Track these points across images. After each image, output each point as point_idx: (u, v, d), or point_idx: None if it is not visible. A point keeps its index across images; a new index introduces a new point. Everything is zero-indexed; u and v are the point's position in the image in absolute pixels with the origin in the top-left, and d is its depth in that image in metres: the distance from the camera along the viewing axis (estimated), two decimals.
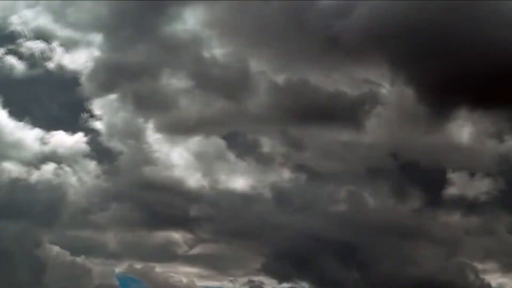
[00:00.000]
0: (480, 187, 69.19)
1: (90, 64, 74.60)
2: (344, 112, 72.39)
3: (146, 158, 72.34)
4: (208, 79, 74.00)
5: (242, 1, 73.97)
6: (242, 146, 74.17)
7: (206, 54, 74.23)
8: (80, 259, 65.78)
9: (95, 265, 66.90)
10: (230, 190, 71.78)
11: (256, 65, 73.63)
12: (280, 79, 73.39)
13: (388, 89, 72.09)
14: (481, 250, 67.49)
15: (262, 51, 74.30)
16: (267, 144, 73.90)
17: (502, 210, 68.37)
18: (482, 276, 65.03)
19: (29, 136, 71.16)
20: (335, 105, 72.28)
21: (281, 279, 67.06)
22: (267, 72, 73.54)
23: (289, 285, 66.82)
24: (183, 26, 75.23)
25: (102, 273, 66.09)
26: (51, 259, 64.08)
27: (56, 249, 65.39)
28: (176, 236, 72.10)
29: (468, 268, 65.25)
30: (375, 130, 71.88)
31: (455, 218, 68.96)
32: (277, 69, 73.71)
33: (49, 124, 72.35)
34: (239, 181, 72.50)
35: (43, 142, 71.10)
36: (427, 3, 68.63)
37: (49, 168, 68.88)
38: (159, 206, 70.11)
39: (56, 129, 72.41)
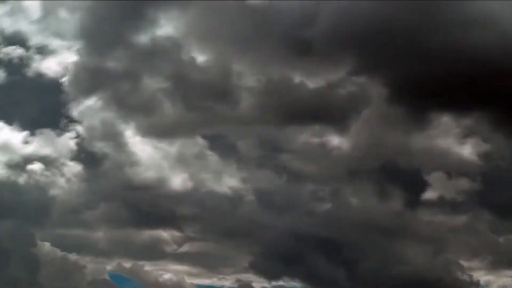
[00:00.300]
0: (459, 188, 70.81)
1: (70, 69, 75.36)
2: (326, 114, 74.18)
3: (129, 159, 73.33)
4: (187, 82, 75.23)
5: (217, 6, 75.57)
6: (224, 148, 75.56)
7: (184, 57, 75.52)
8: (71, 256, 66.41)
9: (87, 263, 67.57)
10: (214, 191, 73.04)
11: (235, 68, 75.22)
12: (260, 81, 74.96)
13: (365, 91, 73.88)
14: (466, 248, 69.26)
15: (240, 54, 75.77)
16: (248, 146, 75.25)
17: (482, 209, 70.45)
18: (469, 273, 66.97)
19: (14, 138, 71.66)
20: (316, 107, 73.93)
21: (270, 277, 68.26)
22: (246, 75, 75.13)
23: (280, 283, 68.05)
24: (161, 31, 76.51)
25: (94, 270, 66.69)
26: (44, 257, 64.65)
27: (48, 247, 65.94)
28: (164, 234, 73.15)
29: (455, 265, 66.68)
30: (355, 132, 73.58)
31: (438, 217, 70.71)
32: (256, 72, 75.31)
33: (32, 127, 72.76)
34: (223, 182, 73.70)
35: (27, 144, 71.60)
36: (396, 3, 70.24)
37: (35, 169, 69.41)
38: (145, 205, 71.08)
39: (40, 132, 72.94)
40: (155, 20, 76.29)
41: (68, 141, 72.91)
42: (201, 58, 75.19)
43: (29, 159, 70.05)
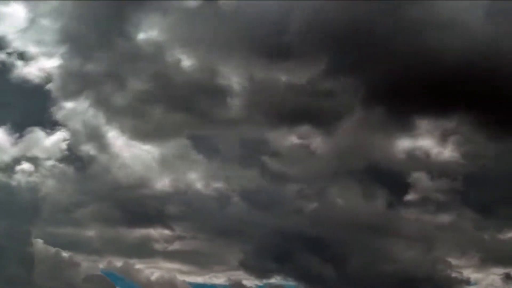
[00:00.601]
0: (441, 187, 72.34)
1: (55, 73, 76.07)
2: (310, 117, 75.54)
3: (115, 161, 74.08)
4: (171, 84, 76.21)
5: (195, 10, 76.73)
6: (208, 148, 76.67)
7: (168, 59, 76.69)
8: (65, 254, 67.10)
9: (80, 261, 68.15)
10: (200, 190, 74.01)
11: (219, 70, 76.57)
12: (244, 83, 76.35)
13: (344, 94, 75.07)
14: (453, 246, 70.45)
15: (223, 57, 76.85)
16: (233, 146, 76.26)
17: (466, 208, 71.93)
18: (458, 271, 68.15)
19: (2, 140, 72.07)
20: (300, 109, 75.26)
21: (261, 275, 69.27)
22: (230, 77, 76.48)
23: (271, 281, 68.85)
24: (144, 34, 77.41)
25: (87, 268, 67.30)
26: (38, 254, 65.27)
27: (41, 244, 66.49)
28: (154, 233, 73.77)
29: (443, 263, 67.73)
30: (339, 134, 74.73)
31: (422, 216, 71.99)
32: (240, 74, 76.61)
33: (20, 129, 73.28)
34: (209, 182, 74.68)
35: (16, 146, 72.07)
36: (364, 3, 71.62)
37: (25, 170, 69.96)
38: (134, 206, 71.86)
39: (28, 133, 73.45)
40: (138, 24, 77.32)
41: (56, 143, 73.55)
42: (185, 60, 76.61)
43: (18, 160, 70.62)
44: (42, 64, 76.85)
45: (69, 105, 75.95)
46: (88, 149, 74.33)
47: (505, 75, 68.29)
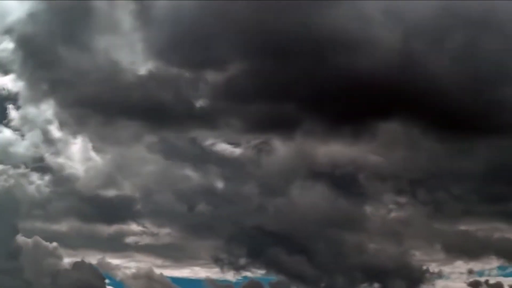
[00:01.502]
0: (395, 187, 76.01)
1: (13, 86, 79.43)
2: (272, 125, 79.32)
3: (77, 168, 77.83)
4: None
5: None
6: (168, 150, 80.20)
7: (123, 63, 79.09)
8: (50, 246, 70.31)
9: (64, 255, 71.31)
10: (165, 190, 77.37)
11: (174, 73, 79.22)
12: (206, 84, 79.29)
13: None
14: (417, 240, 73.20)
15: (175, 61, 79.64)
16: (192, 146, 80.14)
17: (420, 206, 75.09)
18: (424, 263, 70.53)
19: None
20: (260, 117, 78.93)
21: (237, 268, 71.46)
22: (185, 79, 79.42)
23: (247, 273, 71.78)
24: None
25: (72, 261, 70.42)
26: (24, 246, 68.78)
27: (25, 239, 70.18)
28: (126, 228, 77.14)
29: (410, 256, 70.11)
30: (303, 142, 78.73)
31: (381, 212, 75.16)
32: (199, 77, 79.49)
33: None
34: (171, 181, 78.65)
35: None
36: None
37: None
38: (108, 203, 75.16)
39: None
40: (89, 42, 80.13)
41: (21, 149, 77.06)
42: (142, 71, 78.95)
43: None
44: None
45: (31, 111, 79.06)
46: (51, 156, 77.88)
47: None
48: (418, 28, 73.51)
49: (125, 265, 74.15)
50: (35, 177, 75.49)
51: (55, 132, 78.48)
